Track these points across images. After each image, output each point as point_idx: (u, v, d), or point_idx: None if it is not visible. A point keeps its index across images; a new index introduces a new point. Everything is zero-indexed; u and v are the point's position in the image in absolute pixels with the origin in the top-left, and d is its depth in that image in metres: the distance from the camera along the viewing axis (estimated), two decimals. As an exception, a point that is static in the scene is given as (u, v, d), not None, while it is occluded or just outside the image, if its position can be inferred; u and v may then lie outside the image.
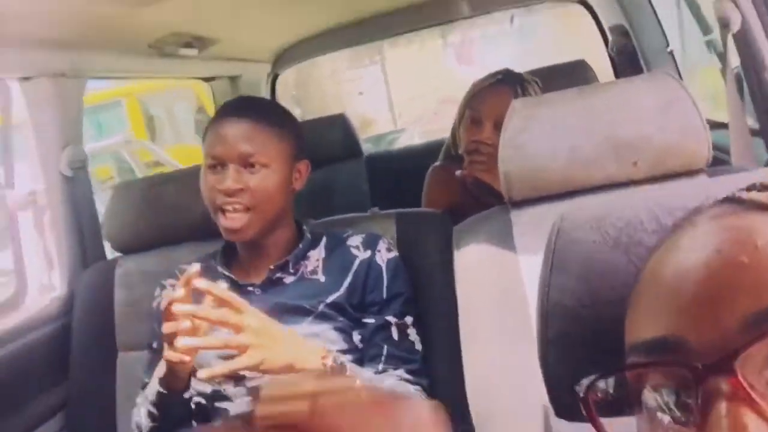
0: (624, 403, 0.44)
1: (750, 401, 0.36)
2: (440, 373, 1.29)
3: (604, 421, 0.44)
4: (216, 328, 1.11)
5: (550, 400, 0.58)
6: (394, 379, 1.23)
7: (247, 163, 1.26)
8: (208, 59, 2.28)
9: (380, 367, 1.24)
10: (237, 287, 1.32)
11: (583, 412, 0.44)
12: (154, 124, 7.86)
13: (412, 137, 5.51)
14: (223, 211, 1.27)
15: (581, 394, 0.44)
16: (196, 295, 1.07)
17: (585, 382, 0.44)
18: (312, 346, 1.15)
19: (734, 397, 0.37)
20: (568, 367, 0.55)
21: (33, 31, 1.45)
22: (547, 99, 1.23)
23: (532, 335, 1.11)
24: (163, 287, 1.41)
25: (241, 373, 1.10)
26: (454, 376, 1.19)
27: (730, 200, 0.45)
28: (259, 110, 1.33)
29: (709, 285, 0.40)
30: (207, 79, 2.64)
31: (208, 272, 1.37)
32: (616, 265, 0.54)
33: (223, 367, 1.05)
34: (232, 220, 1.27)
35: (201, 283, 1.06)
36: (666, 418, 0.41)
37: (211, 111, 7.26)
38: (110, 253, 1.81)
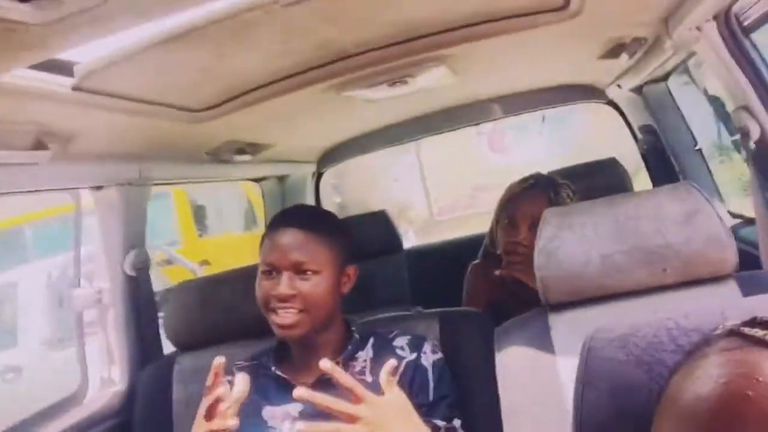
0: None
1: None
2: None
3: None
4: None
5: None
6: None
7: (299, 270, 1.36)
8: (260, 162, 2.45)
9: None
10: (290, 387, 1.38)
11: None
12: (202, 214, 8.12)
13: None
14: (276, 312, 1.36)
15: None
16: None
17: None
18: None
19: None
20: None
21: (106, 146, 1.62)
22: (578, 208, 1.32)
23: (571, 434, 1.16)
24: (224, 384, 1.48)
25: None
26: None
27: (735, 334, 0.52)
28: (311, 220, 1.43)
29: (720, 415, 0.48)
30: (257, 180, 2.82)
31: (260, 370, 1.45)
32: (639, 382, 0.62)
33: None
34: (284, 317, 1.35)
35: (327, 365, 1.07)
36: None
37: (257, 205, 7.49)
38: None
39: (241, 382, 1.18)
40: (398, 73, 1.65)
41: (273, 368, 1.42)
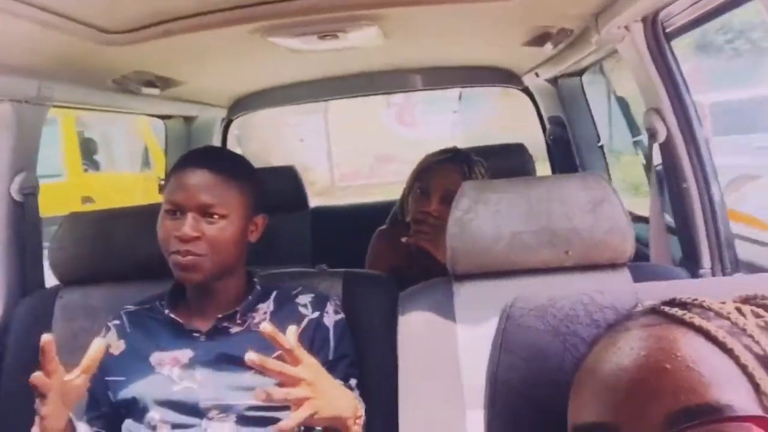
0: None
1: None
2: (376, 430, 1.34)
3: None
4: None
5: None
6: None
7: (206, 212, 1.30)
8: (168, 99, 2.33)
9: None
10: (182, 332, 1.34)
11: None
12: (90, 148, 7.67)
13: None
14: (177, 253, 1.30)
15: None
16: None
17: None
18: (351, 404, 1.17)
19: None
20: (511, 435, 0.64)
21: (5, 56, 1.47)
22: (494, 185, 1.36)
23: (462, 402, 1.22)
24: (108, 329, 1.41)
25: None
26: None
27: (656, 312, 0.56)
28: (224, 162, 1.38)
29: (639, 385, 0.51)
30: (163, 117, 2.68)
31: (152, 313, 1.40)
32: (555, 351, 0.64)
33: (290, 421, 1.05)
34: (185, 260, 1.29)
35: (267, 328, 1.08)
36: None
37: (152, 146, 7.16)
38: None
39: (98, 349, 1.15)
40: (330, 26, 1.61)
41: (167, 311, 1.37)
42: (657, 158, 1.62)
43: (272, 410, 1.24)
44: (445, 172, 1.79)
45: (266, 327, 1.08)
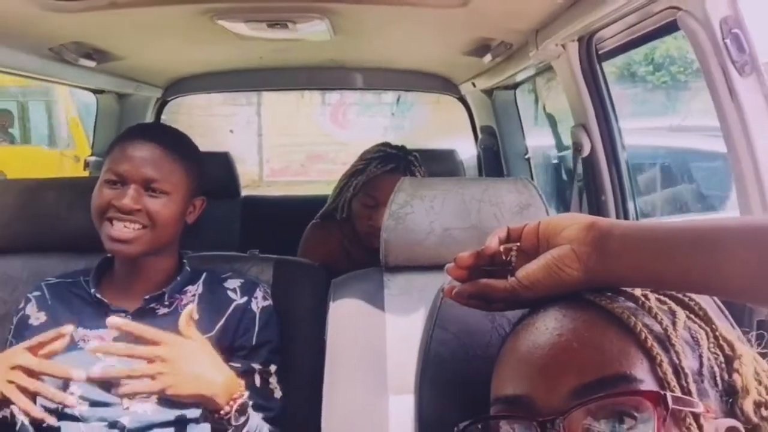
0: None
1: None
2: (300, 415, 1.37)
3: None
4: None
5: None
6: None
7: (149, 186, 1.30)
8: (104, 73, 2.27)
9: None
10: (107, 311, 1.31)
11: None
12: (5, 119, 7.27)
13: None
14: (111, 221, 1.28)
15: None
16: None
17: (462, 425, 0.60)
18: (230, 383, 1.16)
19: None
20: (439, 404, 0.69)
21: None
22: (429, 183, 1.42)
23: (386, 388, 1.26)
24: (28, 300, 1.37)
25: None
26: (312, 420, 1.29)
27: (575, 296, 0.62)
28: (171, 139, 1.37)
29: (550, 361, 0.57)
30: (96, 91, 2.61)
31: (75, 289, 1.37)
32: (483, 328, 0.70)
33: (128, 388, 1.07)
34: (120, 231, 1.27)
35: (114, 321, 1.10)
36: None
37: (72, 119, 6.86)
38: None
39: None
40: (281, 15, 1.63)
41: (92, 290, 1.34)
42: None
43: None
44: (393, 183, 1.84)
45: (114, 321, 1.11)
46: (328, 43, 1.96)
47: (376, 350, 1.29)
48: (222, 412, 1.13)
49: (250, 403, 1.21)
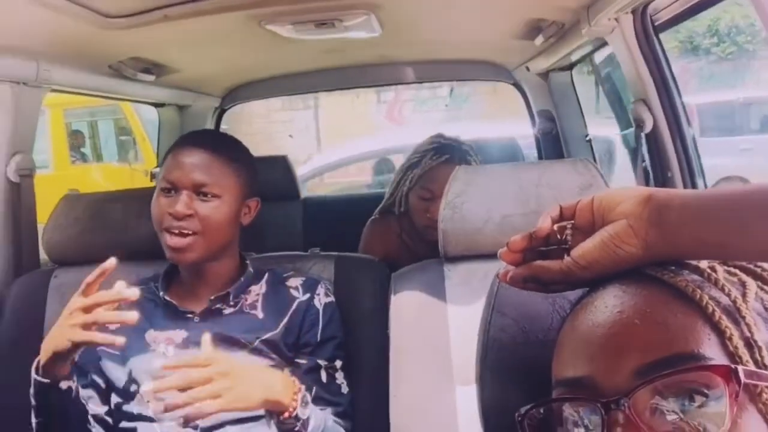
0: (548, 422, 0.57)
1: (638, 427, 0.50)
2: (367, 409, 1.38)
3: None
4: None
5: (482, 419, 0.70)
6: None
7: (199, 191, 1.33)
8: (163, 86, 2.35)
9: None
10: (176, 313, 1.37)
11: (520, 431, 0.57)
12: (78, 140, 7.62)
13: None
14: (170, 232, 1.32)
15: (519, 417, 0.58)
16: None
17: (524, 408, 0.58)
18: (287, 381, 1.21)
19: (627, 424, 0.51)
20: (501, 389, 0.67)
21: (4, 38, 1.49)
22: (485, 170, 1.39)
23: (452, 379, 1.25)
24: None
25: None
26: (380, 414, 1.30)
27: (634, 272, 0.59)
28: (219, 143, 1.40)
29: (612, 340, 0.54)
30: (156, 105, 2.70)
31: (147, 294, 1.42)
32: (544, 312, 0.68)
33: (196, 412, 1.08)
34: (177, 240, 1.31)
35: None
36: (581, 431, 0.54)
37: (139, 134, 7.12)
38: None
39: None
40: (327, 14, 1.64)
41: (161, 293, 1.39)
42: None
43: None
44: (449, 174, 1.83)
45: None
46: (377, 39, 1.96)
47: (440, 341, 1.27)
48: (289, 410, 1.16)
49: (310, 395, 1.24)
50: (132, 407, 1.33)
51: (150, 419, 1.30)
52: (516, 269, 0.63)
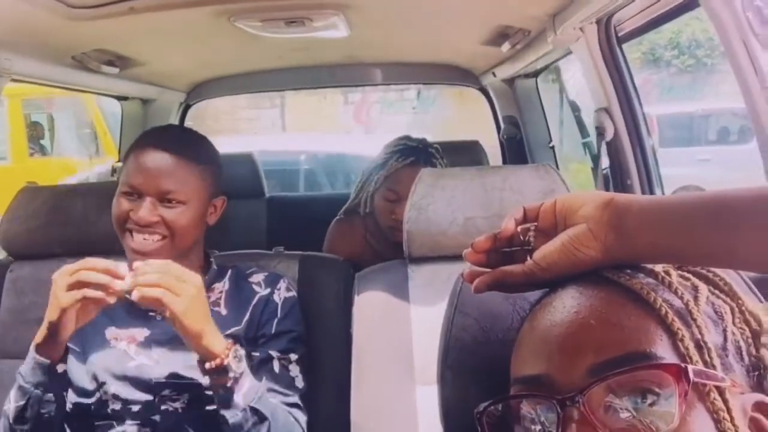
0: (506, 419, 0.59)
1: (592, 424, 0.52)
2: (328, 409, 1.39)
3: None
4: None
5: (442, 417, 0.71)
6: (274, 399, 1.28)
7: (164, 198, 1.28)
8: (127, 79, 2.31)
9: None
10: (138, 310, 1.32)
11: (479, 428, 0.58)
12: (37, 132, 7.43)
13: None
14: (131, 234, 1.28)
15: (478, 414, 0.59)
16: None
17: (482, 405, 0.59)
18: (221, 337, 1.18)
19: (582, 421, 0.53)
20: (462, 388, 0.69)
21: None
22: (450, 173, 1.41)
23: (413, 379, 1.26)
24: None
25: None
26: (341, 414, 1.30)
27: (592, 274, 0.61)
28: (184, 144, 1.35)
29: (569, 339, 0.56)
30: (120, 98, 2.65)
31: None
32: (504, 312, 0.69)
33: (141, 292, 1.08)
34: (140, 243, 1.28)
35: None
36: (537, 428, 0.56)
37: (100, 127, 6.99)
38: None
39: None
40: (297, 13, 1.64)
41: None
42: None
43: None
44: (414, 176, 1.84)
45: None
46: (346, 39, 1.96)
47: (403, 342, 1.28)
48: (221, 357, 1.14)
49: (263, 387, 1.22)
50: (93, 405, 1.30)
51: (110, 417, 1.28)
52: (481, 277, 0.65)
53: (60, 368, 1.17)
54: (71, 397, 1.31)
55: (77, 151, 7.62)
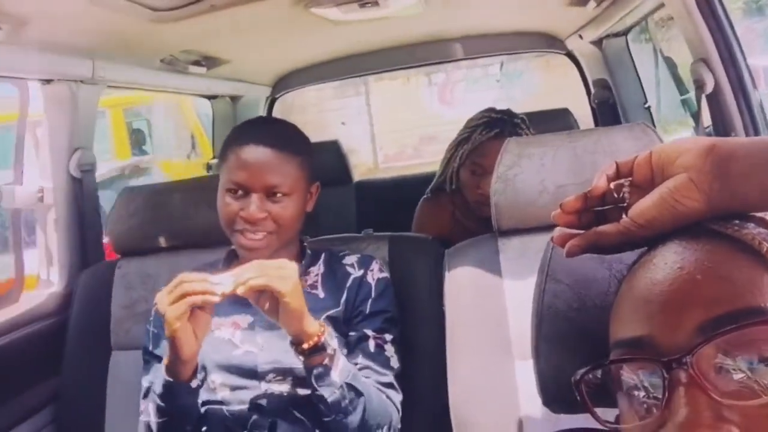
0: (606, 387, 0.55)
1: (702, 387, 0.48)
2: (425, 388, 1.38)
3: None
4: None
5: (539, 389, 0.68)
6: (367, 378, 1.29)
7: (270, 192, 1.31)
8: (215, 78, 2.39)
9: None
10: (240, 297, 1.38)
11: (577, 397, 0.55)
12: (139, 138, 7.87)
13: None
14: (243, 233, 1.32)
15: (575, 382, 0.55)
16: None
17: (579, 373, 0.55)
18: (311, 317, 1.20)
19: (690, 384, 0.48)
20: (558, 359, 0.65)
21: (56, 36, 1.54)
22: (537, 140, 1.35)
23: (510, 353, 1.23)
24: None
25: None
26: (438, 393, 1.29)
27: (696, 226, 0.56)
28: (283, 137, 1.37)
29: (673, 296, 0.51)
30: (209, 97, 2.75)
31: None
32: (600, 276, 0.65)
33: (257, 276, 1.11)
34: (252, 240, 1.31)
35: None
36: (641, 394, 0.52)
37: (198, 132, 7.29)
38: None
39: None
40: (371, -8, 1.62)
41: None
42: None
43: None
44: (499, 148, 1.79)
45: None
46: (423, 16, 1.93)
47: (497, 316, 1.25)
48: (318, 334, 1.16)
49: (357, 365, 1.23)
50: (201, 393, 1.35)
51: (219, 402, 1.33)
52: (572, 240, 0.60)
53: (194, 384, 1.22)
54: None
55: (176, 152, 7.99)
